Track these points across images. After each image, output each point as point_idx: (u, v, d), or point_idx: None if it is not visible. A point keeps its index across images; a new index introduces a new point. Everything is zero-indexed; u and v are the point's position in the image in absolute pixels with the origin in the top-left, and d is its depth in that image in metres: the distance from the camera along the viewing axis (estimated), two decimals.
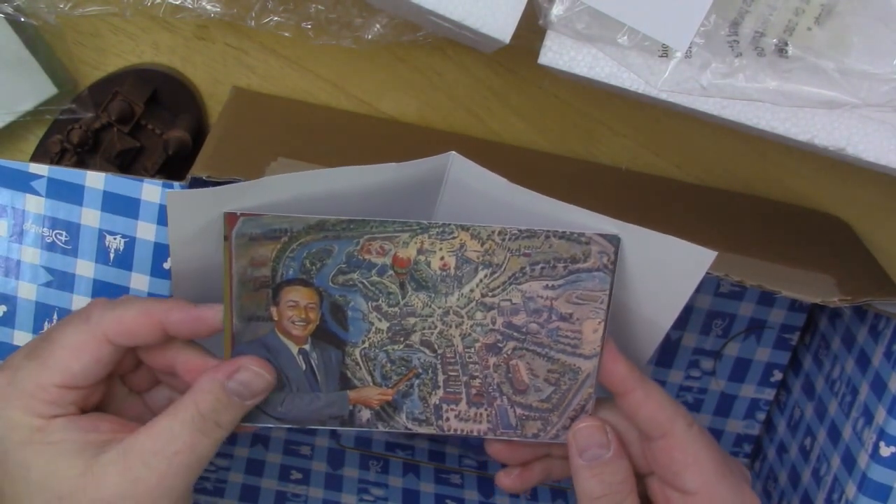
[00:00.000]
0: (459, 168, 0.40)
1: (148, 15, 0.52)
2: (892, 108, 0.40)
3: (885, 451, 0.46)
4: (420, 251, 0.40)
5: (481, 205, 0.41)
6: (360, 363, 0.41)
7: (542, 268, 0.40)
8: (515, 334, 0.41)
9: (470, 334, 0.41)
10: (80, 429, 0.38)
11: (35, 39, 0.51)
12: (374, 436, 0.61)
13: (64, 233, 0.45)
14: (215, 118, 0.56)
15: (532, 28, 0.41)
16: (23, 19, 0.49)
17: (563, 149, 0.57)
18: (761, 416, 0.60)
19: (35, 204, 0.45)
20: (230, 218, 0.38)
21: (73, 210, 0.45)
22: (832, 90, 0.40)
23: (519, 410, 0.42)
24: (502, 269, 0.40)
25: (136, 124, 0.53)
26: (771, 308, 0.57)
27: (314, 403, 0.41)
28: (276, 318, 0.40)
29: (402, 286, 0.40)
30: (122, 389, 0.43)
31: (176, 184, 0.44)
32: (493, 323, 0.41)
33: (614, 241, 0.40)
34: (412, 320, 0.40)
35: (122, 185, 0.44)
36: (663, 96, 0.41)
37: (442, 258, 0.40)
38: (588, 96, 0.56)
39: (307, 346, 0.41)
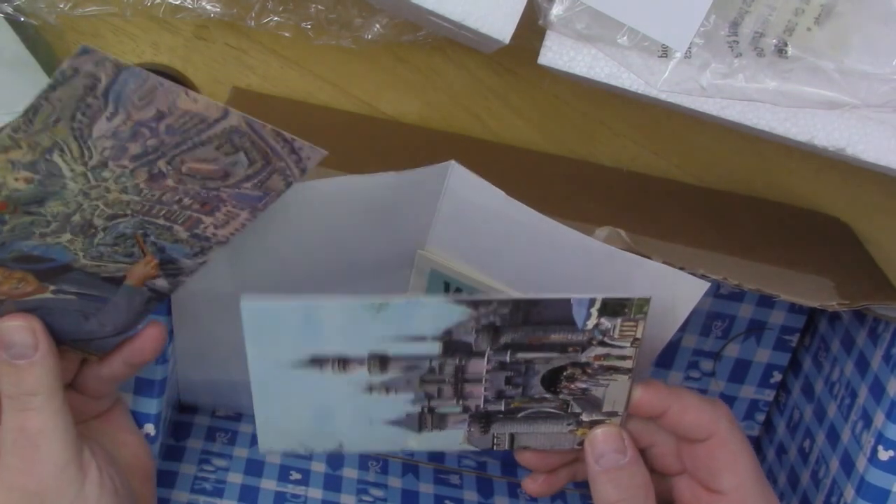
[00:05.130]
0: (458, 178, 0.40)
1: (148, 15, 0.52)
2: (891, 108, 0.40)
3: (884, 454, 0.46)
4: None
5: (479, 216, 0.41)
6: (93, 264, 0.39)
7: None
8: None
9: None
10: None
11: (35, 39, 0.51)
12: None
13: None
14: None
15: (532, 28, 0.41)
16: (23, 19, 0.49)
17: (563, 149, 0.57)
18: (761, 417, 0.60)
19: None
20: None
21: None
22: (832, 90, 0.40)
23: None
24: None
25: None
26: (771, 310, 0.57)
27: (119, 306, 0.40)
28: None
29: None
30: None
31: None
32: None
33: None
34: (70, 201, 0.37)
35: None
36: (663, 96, 0.41)
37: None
38: (588, 96, 0.55)
39: (51, 292, 0.39)
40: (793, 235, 0.54)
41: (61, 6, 0.50)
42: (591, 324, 0.39)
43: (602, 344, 0.40)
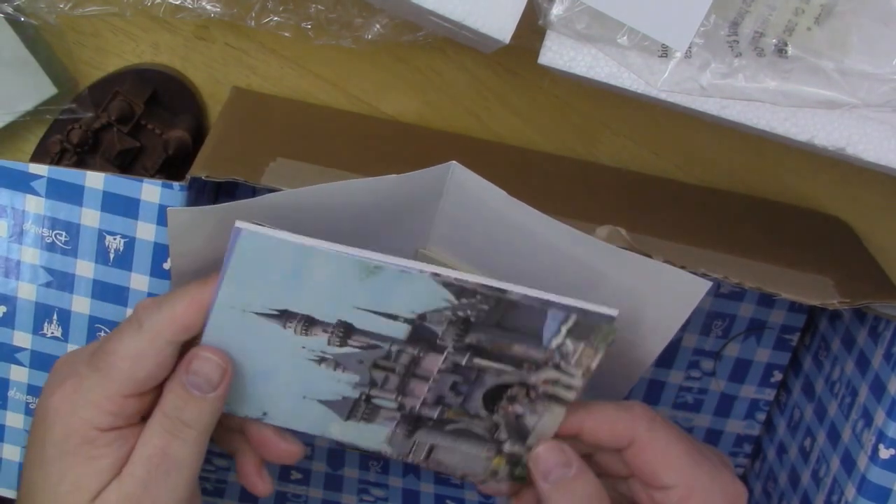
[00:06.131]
0: (460, 178, 0.40)
1: (148, 15, 0.52)
2: (891, 108, 0.40)
3: (885, 453, 0.46)
4: None
5: (480, 215, 0.41)
6: None
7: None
8: None
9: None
10: (127, 448, 0.38)
11: (35, 39, 0.51)
12: None
13: (64, 233, 0.45)
14: (215, 118, 0.56)
15: (532, 28, 0.41)
16: (23, 19, 0.49)
17: (563, 149, 0.57)
18: (761, 416, 0.60)
19: (35, 204, 0.45)
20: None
21: (73, 210, 0.45)
22: (832, 90, 0.40)
23: None
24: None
25: (136, 124, 0.53)
26: (771, 309, 0.57)
27: None
28: None
29: None
30: None
31: (175, 184, 0.44)
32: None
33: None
34: None
35: (122, 185, 0.44)
36: (663, 96, 0.41)
37: None
38: (588, 96, 0.55)
39: None
40: (793, 235, 0.54)
41: (61, 6, 0.50)
42: (555, 343, 0.39)
43: (556, 367, 0.40)
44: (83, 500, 0.37)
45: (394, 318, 0.39)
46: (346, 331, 0.39)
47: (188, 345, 0.40)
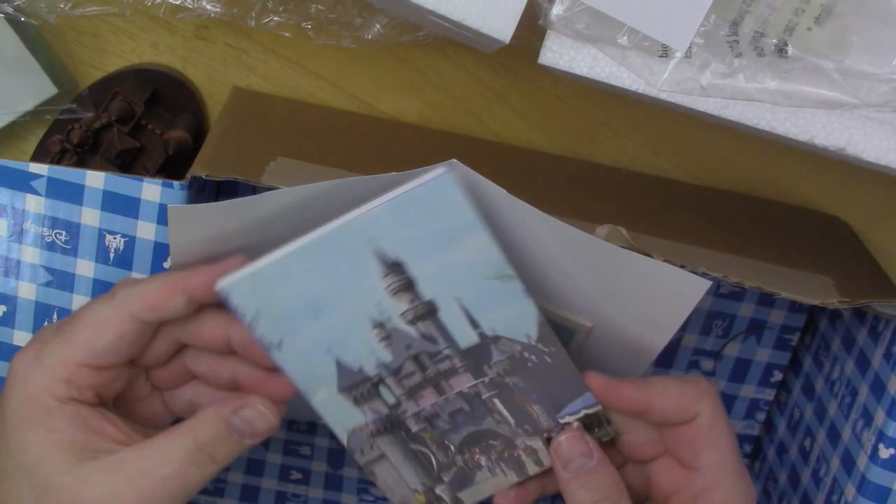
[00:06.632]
0: (460, 176, 0.40)
1: (148, 15, 0.52)
2: (891, 108, 0.40)
3: (885, 452, 0.46)
4: None
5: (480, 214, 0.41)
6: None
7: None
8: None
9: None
10: (85, 427, 0.38)
11: (35, 39, 0.51)
12: None
13: (64, 232, 0.45)
14: (215, 118, 0.56)
15: (532, 28, 0.41)
16: (23, 19, 0.49)
17: (563, 149, 0.57)
18: (761, 416, 0.60)
19: (35, 203, 0.45)
20: None
21: (73, 210, 0.45)
22: (832, 90, 0.40)
23: None
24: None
25: (136, 124, 0.53)
26: (771, 309, 0.57)
27: None
28: None
29: None
30: (144, 385, 0.43)
31: (176, 183, 0.44)
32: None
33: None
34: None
35: (122, 184, 0.44)
36: (663, 96, 0.41)
37: None
38: (588, 96, 0.55)
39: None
40: (793, 234, 0.54)
41: (61, 6, 0.50)
42: (566, 420, 0.41)
43: (546, 442, 0.41)
44: (53, 472, 0.37)
45: (476, 325, 0.39)
46: (426, 312, 0.39)
47: (163, 334, 0.40)
